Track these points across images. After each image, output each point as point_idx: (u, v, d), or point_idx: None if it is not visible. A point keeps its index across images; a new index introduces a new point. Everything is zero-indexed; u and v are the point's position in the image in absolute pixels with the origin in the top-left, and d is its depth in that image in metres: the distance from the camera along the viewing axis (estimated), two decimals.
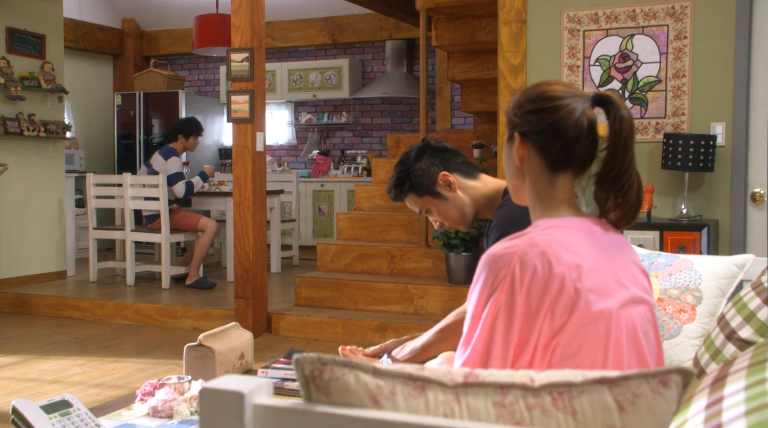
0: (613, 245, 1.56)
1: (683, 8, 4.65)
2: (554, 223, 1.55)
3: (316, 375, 1.02)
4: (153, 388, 2.57)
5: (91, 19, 9.81)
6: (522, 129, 1.61)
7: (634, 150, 1.61)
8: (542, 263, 1.45)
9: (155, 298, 6.45)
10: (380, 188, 6.90)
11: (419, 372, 1.04)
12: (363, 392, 1.01)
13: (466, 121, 8.94)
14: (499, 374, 1.06)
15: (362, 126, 9.87)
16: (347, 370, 1.02)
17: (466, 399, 1.02)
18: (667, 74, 4.68)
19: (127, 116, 9.57)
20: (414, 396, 1.02)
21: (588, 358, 1.44)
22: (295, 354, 1.03)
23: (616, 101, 1.62)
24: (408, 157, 2.44)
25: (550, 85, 1.63)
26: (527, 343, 1.45)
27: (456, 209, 2.41)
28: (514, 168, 1.65)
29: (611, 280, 1.49)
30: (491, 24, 6.05)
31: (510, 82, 4.97)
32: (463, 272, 5.59)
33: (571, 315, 1.44)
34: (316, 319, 5.62)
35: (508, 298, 1.45)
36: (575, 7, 4.84)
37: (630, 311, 1.50)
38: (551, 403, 1.02)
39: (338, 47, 9.83)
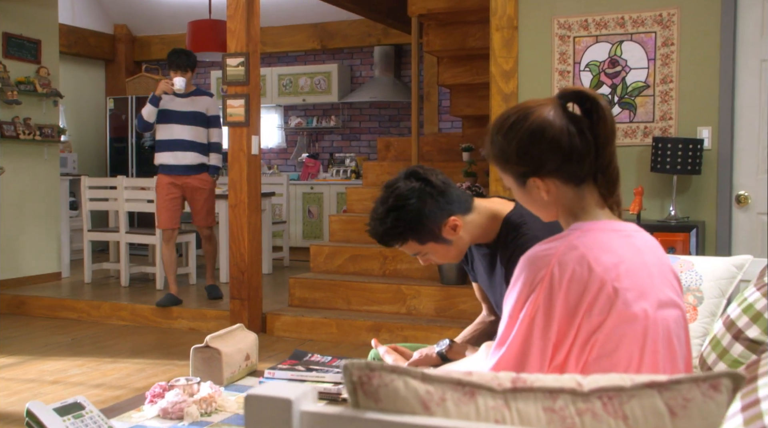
0: (648, 248, 1.53)
1: (670, 16, 4.64)
2: (591, 226, 1.52)
3: (365, 381, 0.98)
4: (162, 390, 2.51)
5: (84, 25, 9.70)
6: (538, 171, 1.56)
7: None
8: (581, 264, 1.42)
9: (150, 299, 6.36)
10: (371, 191, 6.86)
11: (467, 378, 1.00)
12: (413, 398, 0.97)
13: (454, 124, 8.91)
14: (546, 378, 1.02)
15: (351, 130, 9.83)
16: (396, 376, 0.98)
17: (515, 404, 0.99)
18: (655, 80, 4.68)
19: (119, 119, 9.47)
20: (464, 402, 0.98)
21: (624, 358, 1.41)
22: (345, 361, 0.99)
23: (591, 95, 1.55)
24: (407, 202, 2.06)
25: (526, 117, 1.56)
26: (563, 342, 1.42)
27: (456, 249, 2.16)
28: (542, 203, 1.60)
29: (647, 282, 1.47)
30: (481, 30, 6.03)
31: (502, 86, 4.94)
32: (454, 273, 5.56)
33: (609, 314, 1.41)
34: (311, 319, 5.58)
35: (547, 298, 1.42)
36: (565, 13, 4.83)
37: (665, 314, 1.47)
38: (601, 408, 0.98)
39: (327, 53, 9.79)
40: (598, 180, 1.57)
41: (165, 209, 6.06)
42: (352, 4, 6.76)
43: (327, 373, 2.71)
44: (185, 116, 6.00)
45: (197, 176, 6.05)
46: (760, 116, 4.60)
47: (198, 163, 6.05)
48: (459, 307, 5.47)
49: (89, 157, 9.92)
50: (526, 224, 2.08)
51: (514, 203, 2.19)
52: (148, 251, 7.78)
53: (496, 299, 2.27)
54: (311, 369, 2.76)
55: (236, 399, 2.63)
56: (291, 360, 2.90)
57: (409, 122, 9.49)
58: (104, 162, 9.81)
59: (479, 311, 5.34)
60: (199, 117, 6.05)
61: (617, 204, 1.61)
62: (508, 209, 2.17)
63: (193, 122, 6.02)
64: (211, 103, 6.15)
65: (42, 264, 7.28)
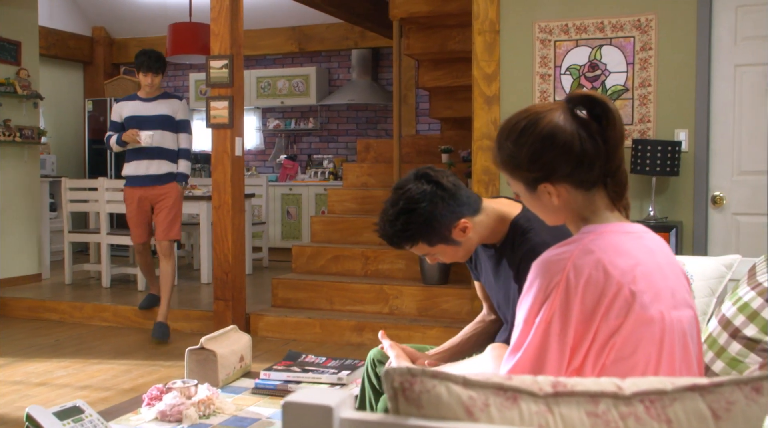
0: (659, 249, 1.51)
1: (648, 21, 4.66)
2: (604, 229, 1.49)
3: (407, 387, 0.95)
4: (159, 392, 2.46)
5: (62, 27, 9.55)
6: (549, 177, 1.53)
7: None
8: (597, 268, 1.39)
9: (132, 300, 6.27)
10: (351, 192, 6.82)
11: (508, 382, 0.97)
12: (456, 404, 0.94)
13: (431, 127, 8.90)
14: (586, 382, 1.00)
15: (328, 132, 9.78)
16: (437, 381, 0.95)
17: (558, 409, 0.96)
18: (633, 83, 4.69)
19: (97, 121, 9.33)
20: (507, 407, 0.95)
21: (642, 360, 1.39)
22: (386, 368, 0.95)
23: (601, 99, 1.52)
24: (418, 204, 2.03)
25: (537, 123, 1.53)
26: (580, 345, 1.40)
27: (465, 250, 2.14)
28: (552, 208, 1.57)
29: (662, 283, 1.45)
30: (461, 34, 6.02)
31: (484, 89, 4.93)
32: (437, 273, 5.53)
33: (626, 317, 1.38)
34: (294, 319, 5.52)
35: (563, 303, 1.39)
36: (546, 18, 4.83)
37: (680, 315, 1.45)
38: (644, 412, 0.96)
39: (305, 56, 9.73)
40: (607, 184, 1.54)
41: (135, 224, 5.47)
42: (332, 7, 6.71)
43: (323, 374, 2.67)
44: (151, 120, 5.35)
45: (164, 185, 5.40)
46: (734, 120, 4.63)
47: (166, 172, 5.40)
48: (441, 306, 5.45)
49: (68, 159, 9.77)
50: (533, 229, 2.06)
51: (521, 205, 2.17)
52: (129, 252, 7.67)
53: (498, 300, 2.24)
54: (307, 370, 2.72)
55: (233, 400, 2.58)
56: (285, 361, 2.86)
57: (386, 124, 9.47)
58: (82, 164, 9.67)
59: (461, 310, 5.35)
60: (166, 121, 5.38)
61: (626, 207, 1.59)
62: (516, 211, 2.14)
63: (159, 126, 5.36)
64: (180, 107, 5.48)
65: (22, 266, 7.14)
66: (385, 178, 6.90)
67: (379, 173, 6.99)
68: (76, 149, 9.88)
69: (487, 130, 4.95)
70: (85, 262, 7.56)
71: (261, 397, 2.62)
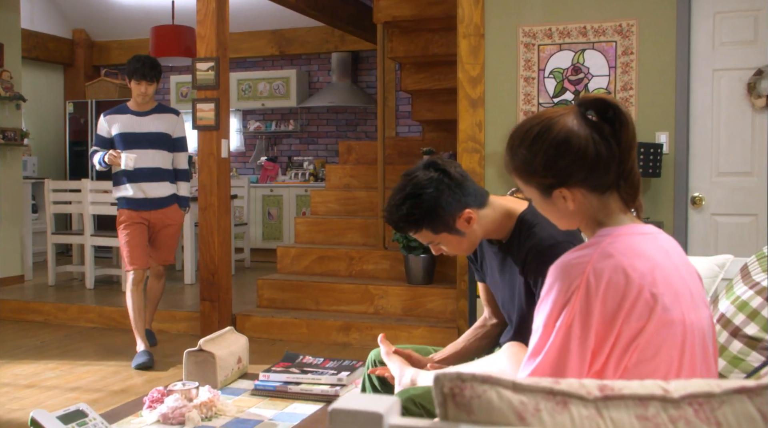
0: (674, 250, 1.49)
1: (629, 26, 4.67)
2: (620, 231, 1.47)
3: (457, 392, 0.91)
4: (161, 395, 2.41)
5: (43, 30, 9.40)
6: (565, 182, 1.50)
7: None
8: (617, 272, 1.37)
9: (117, 301, 6.17)
10: (335, 193, 6.78)
11: (556, 386, 0.94)
12: (507, 409, 0.91)
13: (411, 129, 8.88)
14: (632, 385, 0.97)
15: (308, 134, 9.72)
16: (488, 386, 0.92)
17: (608, 413, 0.93)
18: (615, 87, 4.70)
19: (78, 123, 9.19)
20: (558, 412, 0.92)
21: (664, 363, 1.37)
22: (436, 373, 0.92)
23: (613, 102, 1.50)
24: (424, 190, 2.03)
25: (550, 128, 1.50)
26: (602, 348, 1.37)
27: (469, 242, 2.12)
28: (566, 212, 1.54)
29: (681, 284, 1.43)
30: (444, 38, 6.01)
31: (469, 92, 4.91)
32: (421, 273, 5.51)
33: (649, 320, 1.36)
34: (281, 320, 5.47)
35: (584, 306, 1.37)
36: (530, 22, 4.82)
37: (699, 316, 1.44)
38: (693, 415, 0.94)
39: (285, 58, 9.67)
40: (620, 186, 1.52)
41: (135, 246, 4.74)
42: (316, 11, 6.66)
43: (323, 375, 2.63)
44: (149, 138, 4.74)
45: (167, 209, 4.85)
46: (712, 122, 4.65)
47: (170, 194, 4.85)
48: (426, 306, 5.43)
49: (48, 160, 9.62)
50: (539, 223, 2.03)
51: (528, 202, 2.14)
52: (113, 253, 7.56)
53: (503, 298, 2.22)
54: (306, 371, 2.68)
55: (233, 402, 2.53)
56: (283, 362, 2.82)
57: (365, 126, 9.44)
58: (63, 165, 9.52)
59: (446, 309, 5.33)
60: (164, 139, 4.81)
61: (639, 209, 1.57)
62: (522, 207, 2.12)
63: (158, 144, 4.79)
64: (178, 123, 4.91)
65: (5, 267, 7.01)
66: (368, 179, 6.86)
67: (361, 174, 6.95)
68: (56, 151, 9.73)
69: (472, 132, 4.94)
70: (68, 263, 7.44)
71: (261, 398, 2.58)
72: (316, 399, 2.55)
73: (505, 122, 4.88)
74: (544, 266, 2.00)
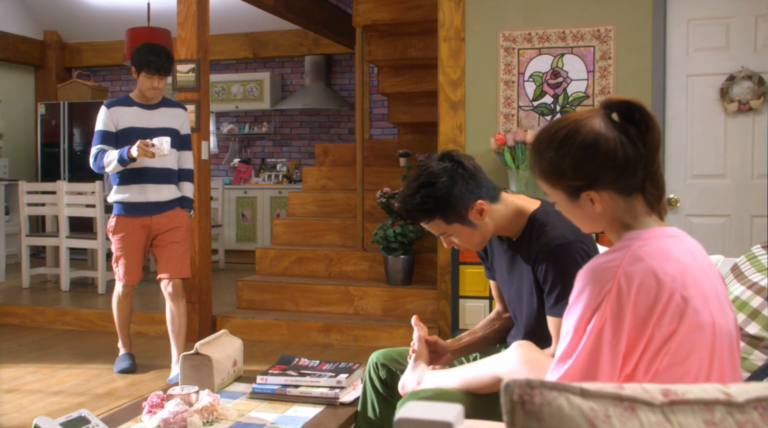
0: (699, 252, 1.48)
1: (607, 32, 4.69)
2: (648, 234, 1.44)
3: (527, 399, 0.88)
4: (160, 400, 2.34)
5: (13, 31, 9.18)
6: (594, 184, 1.47)
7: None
8: (648, 275, 1.35)
9: (93, 303, 6.05)
10: (312, 195, 6.72)
11: (622, 391, 0.92)
12: (578, 416, 0.88)
13: (384, 131, 8.85)
14: (694, 389, 0.95)
15: (282, 136, 9.64)
16: (557, 393, 0.89)
17: (675, 418, 0.91)
18: (594, 91, 4.72)
19: (50, 125, 8.99)
20: (627, 418, 0.89)
21: (695, 365, 1.35)
22: (507, 380, 0.89)
23: (639, 104, 1.49)
24: (438, 179, 2.01)
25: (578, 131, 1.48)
26: (633, 351, 1.35)
27: (480, 235, 2.09)
28: (593, 215, 1.52)
29: (709, 287, 1.41)
30: (422, 41, 5.98)
31: (449, 95, 4.90)
32: (401, 274, 5.48)
33: (680, 323, 1.34)
34: (261, 321, 5.40)
35: (615, 310, 1.34)
36: (510, 27, 4.82)
37: (726, 318, 1.42)
38: (760, 419, 0.91)
39: (259, 61, 9.58)
40: (646, 188, 1.50)
41: (131, 259, 4.20)
42: (293, 14, 6.60)
43: (321, 377, 2.58)
44: (158, 134, 4.10)
45: (169, 212, 4.24)
46: (687, 126, 4.69)
47: (174, 197, 4.26)
48: (406, 307, 5.40)
49: (20, 162, 9.40)
50: (551, 222, 2.01)
51: (540, 201, 2.12)
52: (87, 255, 7.40)
53: (510, 295, 2.19)
54: (304, 374, 2.62)
55: (233, 406, 2.47)
56: (279, 364, 2.76)
57: (338, 128, 9.39)
58: (35, 167, 9.31)
59: (426, 310, 5.30)
60: (172, 136, 4.17)
61: (663, 211, 1.55)
62: (534, 206, 2.10)
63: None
64: (186, 119, 4.37)
65: None
66: (345, 181, 6.81)
67: (338, 176, 6.90)
68: (27, 153, 9.51)
69: (453, 134, 4.92)
70: (42, 266, 7.27)
71: (260, 402, 2.52)
72: (316, 401, 2.50)
73: (485, 124, 4.87)
74: (555, 264, 1.98)
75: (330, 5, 7.42)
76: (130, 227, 4.18)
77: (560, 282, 1.96)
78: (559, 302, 1.96)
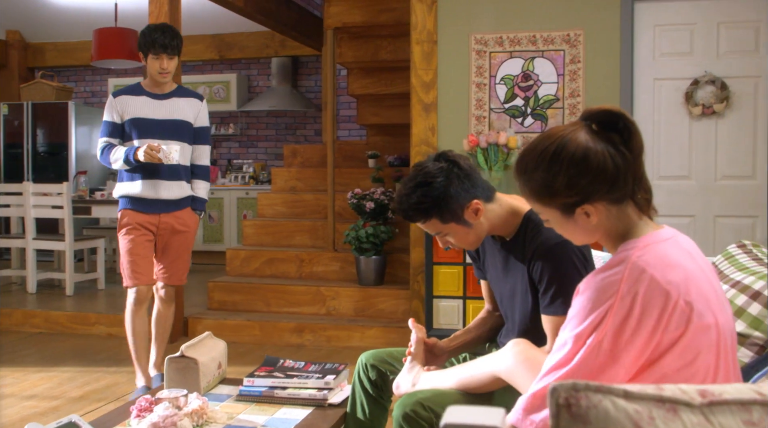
0: (694, 251, 1.48)
1: (577, 36, 4.73)
2: (645, 241, 1.43)
3: (573, 403, 0.86)
4: (148, 403, 2.28)
5: None
6: (588, 198, 1.46)
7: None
8: (652, 287, 1.34)
9: (61, 305, 5.91)
10: (282, 196, 6.65)
11: (662, 393, 0.90)
12: (624, 418, 0.86)
13: (351, 133, 8.82)
14: (728, 389, 0.94)
15: (248, 137, 9.55)
16: (601, 395, 0.87)
17: (715, 419, 0.90)
18: (564, 94, 4.75)
19: (12, 126, 8.78)
20: (670, 419, 0.88)
21: (703, 366, 1.35)
22: (553, 383, 0.87)
23: (620, 112, 1.48)
24: (434, 179, 2.02)
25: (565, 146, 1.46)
26: (641, 357, 1.34)
27: (475, 234, 2.09)
28: (589, 228, 1.50)
29: (708, 288, 1.41)
30: (393, 44, 5.97)
31: (422, 97, 4.89)
32: (373, 274, 5.45)
33: (687, 327, 1.34)
34: (233, 322, 5.33)
35: (618, 324, 1.33)
36: (482, 30, 4.83)
37: (727, 317, 1.43)
38: None
39: (225, 63, 9.47)
40: (636, 194, 1.49)
41: (141, 258, 3.77)
42: (263, 16, 6.53)
43: (308, 379, 2.54)
44: (165, 126, 3.75)
45: (179, 212, 3.84)
46: (653, 128, 4.76)
47: (185, 196, 3.85)
48: (378, 307, 5.37)
49: None
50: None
51: None
52: (54, 256, 7.23)
53: (503, 294, 2.18)
54: (291, 376, 2.58)
55: (221, 408, 2.42)
56: (265, 366, 2.71)
57: (305, 130, 9.33)
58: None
59: (397, 310, 5.29)
60: (184, 129, 3.80)
61: (654, 212, 1.54)
62: (528, 206, 2.09)
63: (176, 135, 3.77)
64: (202, 110, 3.92)
65: None
66: (314, 182, 6.77)
67: (307, 177, 6.84)
68: None
69: (425, 136, 4.91)
70: (6, 267, 7.09)
71: (248, 404, 2.47)
72: (305, 403, 2.47)
73: (457, 126, 4.87)
74: (551, 263, 1.98)
75: (298, 7, 7.36)
76: (137, 221, 3.76)
77: (556, 281, 1.95)
78: (555, 301, 1.95)
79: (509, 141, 4.57)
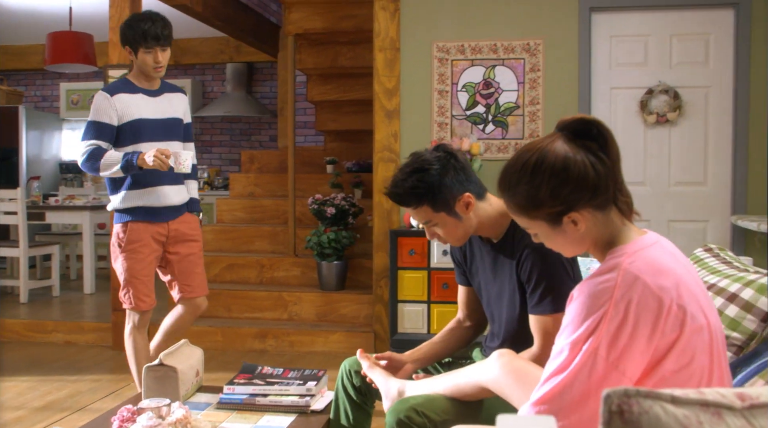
0: (677, 252, 1.50)
1: (536, 45, 4.78)
2: (634, 247, 1.44)
3: (625, 409, 0.86)
4: (131, 414, 2.21)
5: None
6: (574, 206, 1.46)
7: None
8: (645, 294, 1.35)
9: (15, 313, 5.72)
10: (240, 202, 6.57)
11: (706, 397, 0.90)
12: (674, 423, 0.86)
13: (307, 139, 8.76)
14: (764, 391, 0.94)
15: (203, 143, 9.40)
16: (651, 401, 0.87)
17: (757, 422, 0.90)
18: (524, 101, 4.79)
19: None
20: (716, 423, 0.88)
21: (699, 367, 1.37)
22: (608, 390, 0.86)
23: (594, 120, 1.48)
24: (431, 166, 2.04)
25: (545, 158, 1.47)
26: (642, 363, 1.35)
27: (463, 229, 2.10)
28: (577, 237, 1.50)
29: (697, 289, 1.43)
30: (353, 50, 5.94)
31: (385, 103, 4.88)
32: (334, 280, 5.41)
33: (682, 330, 1.35)
34: (195, 328, 5.22)
35: (613, 331, 1.34)
36: (444, 38, 4.84)
37: (716, 316, 1.45)
38: None
39: (179, 68, 9.31)
40: (617, 199, 1.50)
41: (148, 279, 3.44)
42: (221, 22, 6.44)
43: (290, 386, 2.50)
44: (164, 125, 3.35)
45: (183, 217, 3.47)
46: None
47: (186, 200, 3.50)
48: (340, 312, 5.33)
49: None
50: None
51: None
52: (6, 263, 7.00)
53: (490, 295, 2.17)
54: (271, 383, 2.54)
55: (203, 416, 2.36)
56: (243, 373, 2.66)
57: (260, 135, 9.23)
58: None
59: (360, 314, 5.26)
60: (179, 127, 3.43)
61: (636, 214, 1.56)
62: None
63: (173, 134, 3.38)
64: (188, 106, 3.56)
65: None
66: (273, 187, 6.69)
67: (265, 183, 6.77)
68: None
69: (388, 142, 4.90)
70: None
71: (229, 412, 2.41)
72: (287, 410, 2.42)
73: (420, 132, 4.87)
74: (539, 263, 1.98)
75: (255, 14, 7.29)
76: (142, 234, 3.33)
77: (544, 280, 1.96)
78: (543, 299, 1.96)
79: (472, 147, 4.59)
